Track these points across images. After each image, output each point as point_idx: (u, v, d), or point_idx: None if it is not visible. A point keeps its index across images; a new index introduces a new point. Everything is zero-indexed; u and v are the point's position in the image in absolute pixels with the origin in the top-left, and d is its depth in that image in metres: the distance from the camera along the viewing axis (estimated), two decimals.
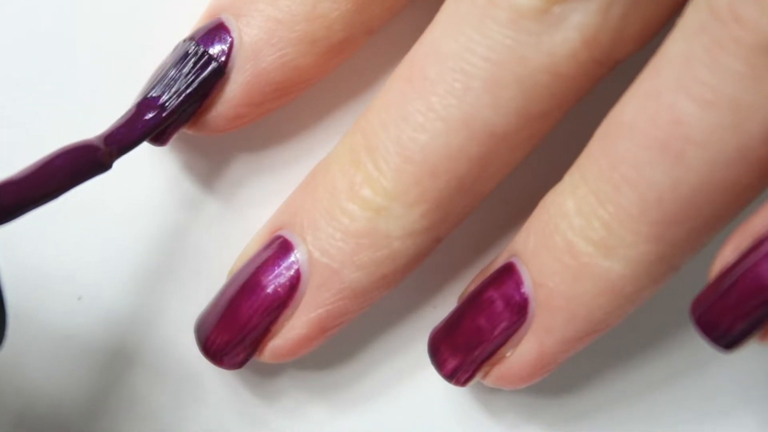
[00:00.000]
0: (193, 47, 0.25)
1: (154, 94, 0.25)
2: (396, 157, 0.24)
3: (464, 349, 0.25)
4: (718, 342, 0.22)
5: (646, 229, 0.23)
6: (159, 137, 0.26)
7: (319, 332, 0.26)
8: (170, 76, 0.25)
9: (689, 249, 0.23)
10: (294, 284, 0.25)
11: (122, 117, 0.22)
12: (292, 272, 0.25)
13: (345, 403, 0.29)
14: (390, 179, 0.24)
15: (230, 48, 0.26)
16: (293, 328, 0.26)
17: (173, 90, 0.25)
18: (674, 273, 0.24)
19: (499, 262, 0.26)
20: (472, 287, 0.26)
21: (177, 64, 0.25)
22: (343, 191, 0.25)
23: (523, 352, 0.25)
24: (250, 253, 0.26)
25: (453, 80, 0.24)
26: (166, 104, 0.25)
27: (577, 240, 0.24)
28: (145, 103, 0.24)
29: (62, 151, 0.21)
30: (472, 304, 0.26)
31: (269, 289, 0.25)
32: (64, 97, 0.28)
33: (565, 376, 0.28)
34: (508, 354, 0.25)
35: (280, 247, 0.26)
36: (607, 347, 0.27)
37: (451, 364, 0.26)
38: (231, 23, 0.26)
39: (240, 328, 0.26)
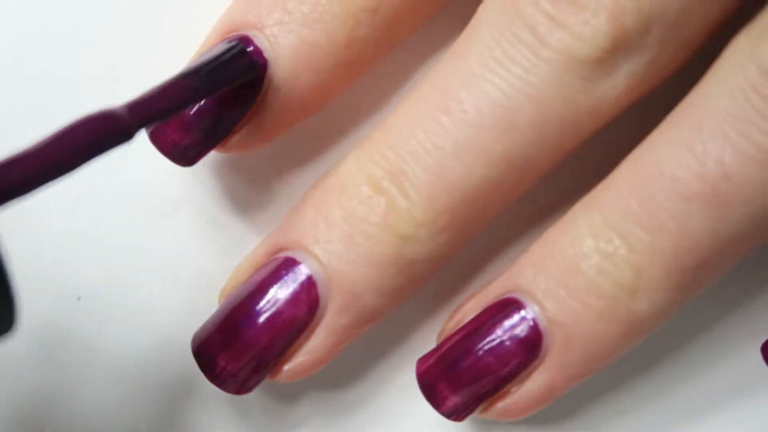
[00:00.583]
0: (234, 44, 0.24)
1: (187, 75, 0.23)
2: (427, 186, 0.24)
3: (468, 387, 0.25)
4: None
5: (677, 275, 0.23)
6: (187, 157, 0.25)
7: (335, 353, 0.25)
8: (207, 64, 0.24)
9: (708, 286, 0.24)
10: (313, 307, 0.25)
11: (151, 89, 0.22)
12: (310, 295, 0.25)
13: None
14: (419, 207, 0.24)
15: (263, 69, 0.25)
16: (310, 352, 0.25)
17: (209, 77, 0.23)
18: None
19: (496, 295, 0.25)
20: (466, 319, 0.25)
21: (216, 56, 0.24)
22: (365, 216, 0.24)
23: (531, 388, 0.25)
24: (250, 270, 0.26)
25: (494, 116, 0.23)
26: (198, 88, 0.23)
27: (604, 282, 0.24)
28: (178, 81, 0.23)
29: (83, 121, 0.20)
30: (477, 340, 0.25)
31: (287, 313, 0.25)
32: (64, 97, 0.28)
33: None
34: (513, 389, 0.25)
35: (294, 268, 0.25)
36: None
37: (452, 402, 0.25)
38: (262, 42, 0.25)
39: (255, 355, 0.25)
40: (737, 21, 0.23)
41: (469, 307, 0.26)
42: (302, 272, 0.25)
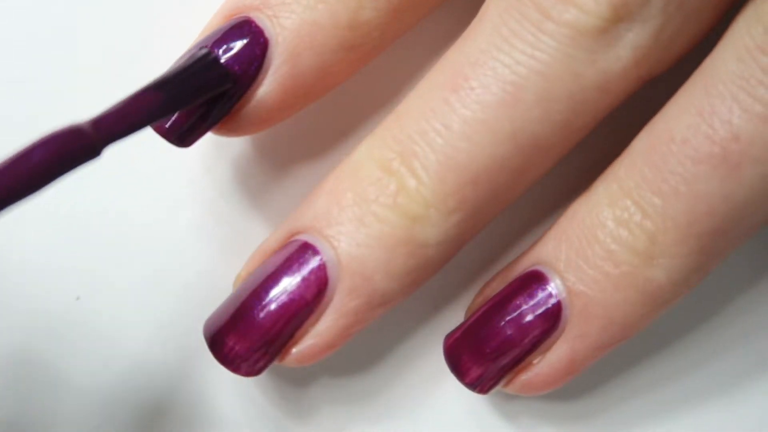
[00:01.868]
0: (204, 52, 0.24)
1: (155, 87, 0.23)
2: (436, 165, 0.24)
3: (490, 358, 0.25)
4: None
5: (693, 240, 0.23)
6: (183, 138, 0.25)
7: (345, 337, 0.25)
8: (177, 74, 0.24)
9: (726, 256, 0.24)
10: (322, 289, 0.24)
11: (118, 103, 0.21)
12: (319, 276, 0.24)
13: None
14: (429, 188, 0.24)
15: (263, 48, 0.25)
16: (319, 335, 0.25)
17: (178, 89, 0.23)
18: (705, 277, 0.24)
19: (520, 270, 0.26)
20: (492, 294, 0.26)
21: (187, 65, 0.24)
22: (375, 198, 0.24)
23: (552, 359, 0.25)
24: (264, 255, 0.26)
25: (504, 92, 0.23)
26: (167, 101, 0.23)
27: (620, 250, 0.24)
28: (145, 93, 0.22)
29: (43, 141, 0.20)
30: (499, 312, 0.25)
31: (295, 295, 0.24)
32: (64, 97, 0.28)
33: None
34: (535, 361, 0.25)
35: (304, 251, 0.25)
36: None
37: (475, 372, 0.25)
38: (264, 23, 0.25)
39: (263, 335, 0.25)
40: None
41: (496, 283, 0.26)
42: (313, 254, 0.25)
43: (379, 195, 0.24)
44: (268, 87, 0.25)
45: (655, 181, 0.23)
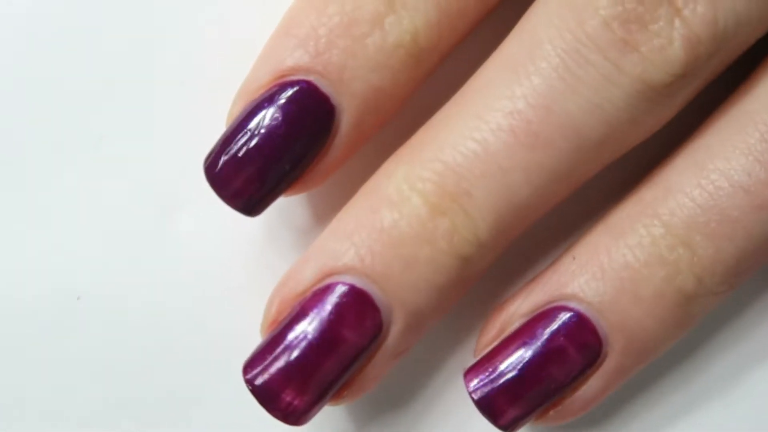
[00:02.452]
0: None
1: None
2: (493, 209, 0.23)
3: (528, 399, 0.24)
4: None
5: (734, 279, 0.24)
6: (255, 209, 0.24)
7: (390, 368, 0.25)
8: None
9: None
10: (377, 334, 0.24)
11: None
12: (375, 324, 0.24)
13: None
14: (484, 230, 0.23)
15: (331, 115, 0.24)
16: (369, 378, 0.25)
17: None
18: None
19: (543, 302, 0.25)
20: (512, 330, 0.25)
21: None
22: (428, 239, 0.23)
23: (586, 392, 0.25)
24: (298, 295, 0.24)
25: (566, 139, 0.23)
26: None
27: (669, 290, 0.24)
28: None
29: None
30: (537, 351, 0.24)
31: (355, 345, 0.24)
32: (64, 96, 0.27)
33: None
34: (568, 396, 0.25)
35: (361, 302, 0.23)
36: None
37: (512, 414, 0.25)
38: (328, 89, 0.23)
39: (325, 387, 0.24)
40: None
41: (513, 314, 0.25)
42: (369, 304, 0.24)
43: (431, 235, 0.23)
44: (335, 151, 0.24)
45: (708, 224, 0.23)
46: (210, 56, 0.27)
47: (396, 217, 0.23)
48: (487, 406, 0.25)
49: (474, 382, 0.25)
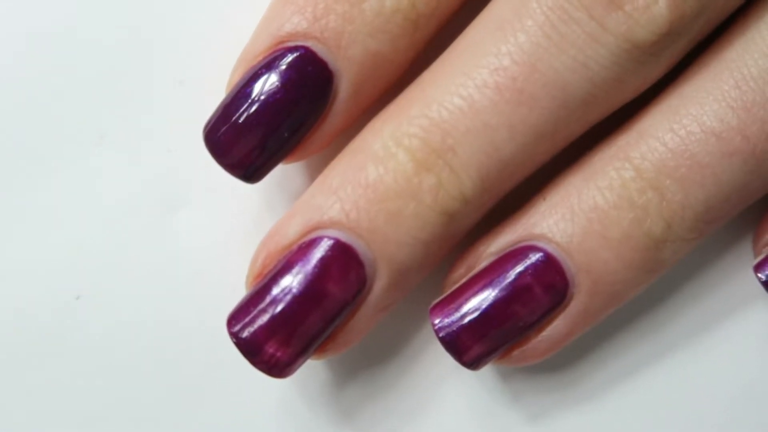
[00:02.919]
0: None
1: None
2: (478, 166, 0.23)
3: (493, 336, 0.24)
4: None
5: (703, 226, 0.24)
6: (254, 176, 0.24)
7: (375, 323, 0.25)
8: None
9: None
10: (361, 289, 0.24)
11: None
12: (360, 277, 0.24)
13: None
14: (470, 187, 0.23)
15: (329, 81, 0.24)
16: (353, 332, 0.25)
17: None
18: None
19: (513, 242, 0.25)
20: (480, 268, 0.25)
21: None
22: (413, 195, 0.23)
23: (552, 334, 0.25)
24: (283, 249, 0.24)
25: (552, 97, 0.23)
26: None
27: (638, 234, 0.24)
28: None
29: None
30: (503, 290, 0.24)
31: (339, 299, 0.24)
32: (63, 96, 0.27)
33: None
34: (533, 336, 0.25)
35: (344, 255, 0.24)
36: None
37: (475, 351, 0.25)
38: (326, 55, 0.24)
39: (309, 341, 0.24)
40: None
41: (482, 253, 0.25)
42: (351, 257, 0.24)
43: (417, 191, 0.23)
44: (334, 118, 0.24)
45: (678, 170, 0.23)
46: (210, 56, 0.27)
47: (381, 173, 0.23)
48: (452, 342, 0.25)
49: (439, 319, 0.25)
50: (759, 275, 0.25)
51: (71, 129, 0.27)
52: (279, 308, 0.24)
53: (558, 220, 0.24)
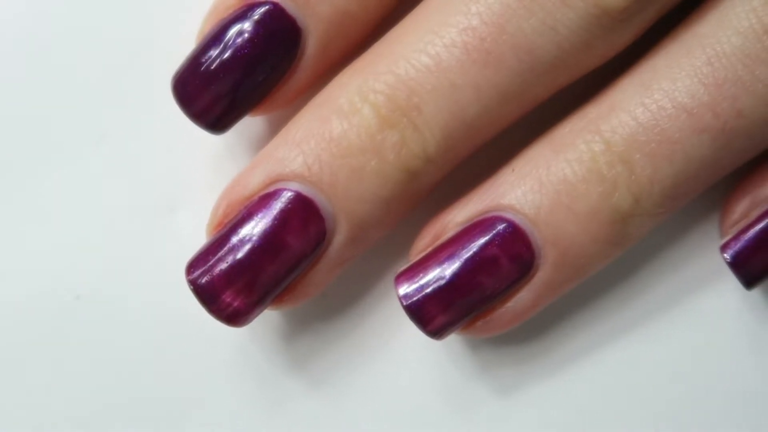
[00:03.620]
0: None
1: None
2: (442, 125, 0.23)
3: (457, 306, 0.24)
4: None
5: (670, 202, 0.24)
6: (220, 126, 0.24)
7: (333, 278, 0.25)
8: None
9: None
10: (320, 243, 0.24)
11: None
12: (319, 231, 0.24)
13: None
14: (433, 145, 0.24)
15: (297, 37, 0.24)
16: (311, 284, 0.25)
17: None
18: None
19: (480, 212, 0.25)
20: (447, 237, 0.25)
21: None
22: (376, 151, 0.23)
23: (516, 305, 0.25)
24: (245, 199, 0.24)
25: (519, 60, 0.23)
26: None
27: (605, 208, 0.24)
28: None
29: None
30: (469, 260, 0.24)
31: (297, 252, 0.24)
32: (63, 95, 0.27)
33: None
34: (497, 306, 0.25)
35: (305, 207, 0.24)
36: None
37: (440, 321, 0.25)
38: (294, 11, 0.24)
39: (266, 291, 0.24)
40: None
41: (449, 223, 0.25)
42: (312, 210, 0.24)
43: (379, 147, 0.24)
44: (301, 74, 0.24)
45: (647, 143, 0.23)
46: None
47: (345, 127, 0.24)
48: (416, 311, 0.24)
49: (404, 287, 0.25)
50: (725, 255, 0.25)
51: (71, 129, 0.27)
52: (237, 257, 0.24)
53: (526, 192, 0.24)
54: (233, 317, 0.24)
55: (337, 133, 0.24)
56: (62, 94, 0.27)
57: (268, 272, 0.24)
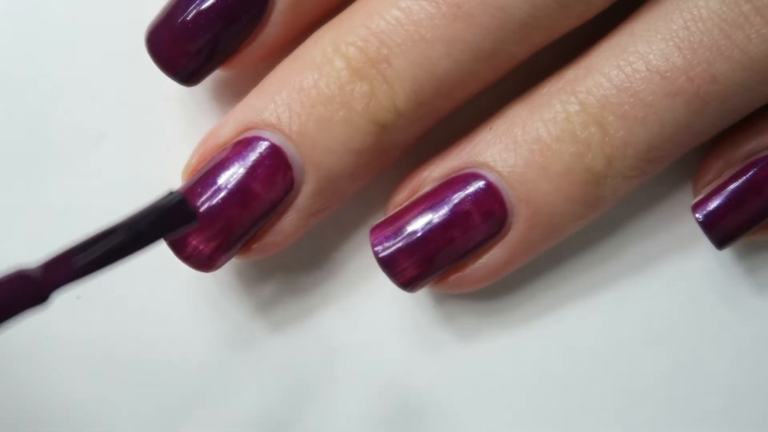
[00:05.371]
0: (173, 196, 0.20)
1: (115, 231, 0.20)
2: (412, 79, 0.24)
3: (429, 260, 0.25)
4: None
5: (645, 165, 0.24)
6: (191, 78, 0.25)
7: (304, 231, 0.26)
8: (141, 217, 0.20)
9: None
10: (288, 191, 0.24)
11: (72, 245, 0.20)
12: (287, 180, 0.24)
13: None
14: (402, 99, 0.24)
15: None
16: (279, 235, 0.25)
17: (139, 231, 0.20)
18: None
19: (456, 169, 0.25)
20: (423, 192, 0.25)
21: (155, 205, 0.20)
22: (344, 102, 0.24)
23: (489, 262, 0.25)
24: (217, 148, 0.25)
25: (490, 16, 0.23)
26: (126, 243, 0.20)
27: (578, 167, 0.24)
28: (102, 236, 0.20)
29: None
30: (441, 214, 0.25)
31: (265, 200, 0.24)
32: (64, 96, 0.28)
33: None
34: (469, 262, 0.25)
35: (274, 156, 0.24)
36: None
37: (411, 273, 0.25)
38: None
39: (232, 238, 0.24)
40: None
41: (426, 178, 0.26)
42: (281, 158, 0.24)
43: (349, 98, 0.24)
44: (272, 28, 0.25)
45: (622, 106, 0.23)
46: None
47: (316, 78, 0.24)
48: (388, 263, 0.25)
49: (378, 239, 0.25)
50: (696, 215, 0.25)
51: (70, 128, 0.27)
52: (206, 204, 0.24)
53: (501, 150, 0.25)
54: (199, 262, 0.25)
55: (308, 83, 0.24)
56: (61, 94, 0.28)
57: (234, 219, 0.24)
